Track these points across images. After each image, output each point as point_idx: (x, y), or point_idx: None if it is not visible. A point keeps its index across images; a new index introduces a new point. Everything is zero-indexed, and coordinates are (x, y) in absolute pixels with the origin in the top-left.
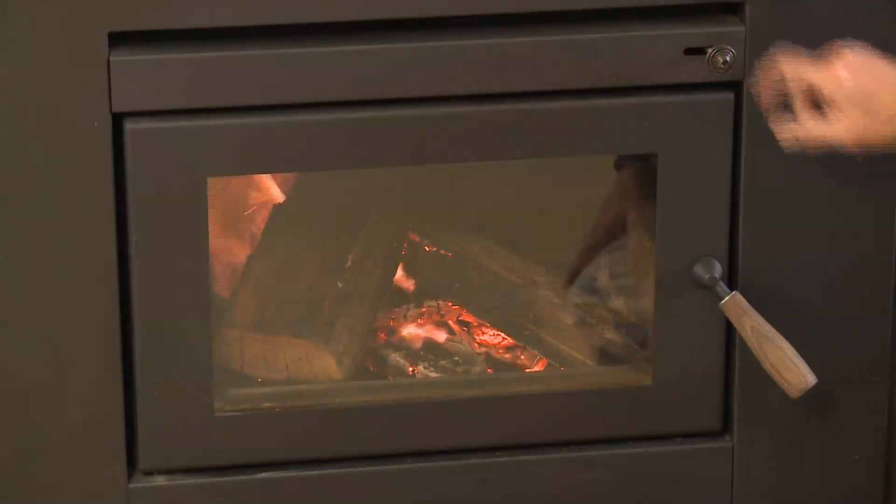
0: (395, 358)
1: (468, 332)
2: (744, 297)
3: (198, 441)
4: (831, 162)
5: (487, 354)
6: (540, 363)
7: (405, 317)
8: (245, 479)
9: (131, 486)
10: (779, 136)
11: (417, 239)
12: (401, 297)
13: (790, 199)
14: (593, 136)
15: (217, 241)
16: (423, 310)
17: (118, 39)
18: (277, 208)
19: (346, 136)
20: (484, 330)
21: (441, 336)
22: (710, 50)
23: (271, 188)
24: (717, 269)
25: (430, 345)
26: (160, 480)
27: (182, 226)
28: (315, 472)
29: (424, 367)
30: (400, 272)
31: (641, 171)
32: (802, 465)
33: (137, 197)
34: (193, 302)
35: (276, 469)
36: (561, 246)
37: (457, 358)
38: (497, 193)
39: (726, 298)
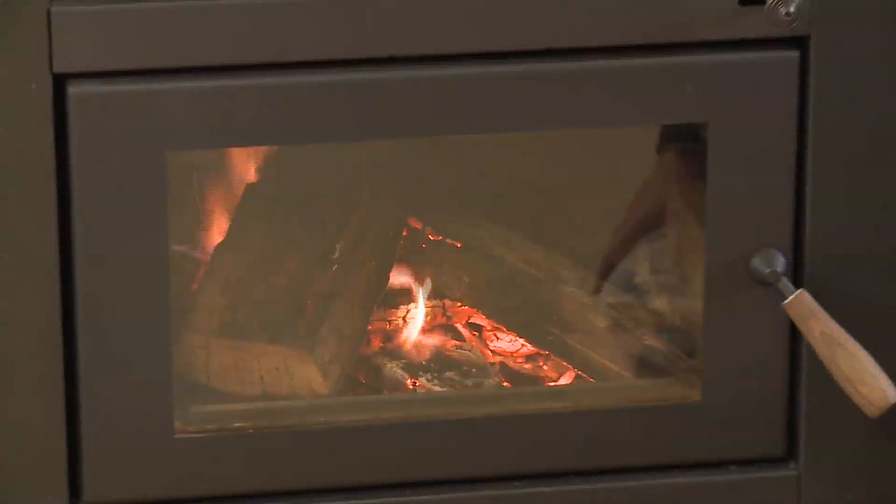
0: (392, 369)
1: (480, 337)
2: (811, 295)
3: (154, 468)
4: None
5: (503, 364)
6: (566, 375)
7: (404, 319)
8: None
9: None
10: None
11: (419, 225)
12: (399, 295)
13: (867, 178)
14: (630, 104)
15: (178, 228)
16: (426, 310)
17: None
18: (250, 189)
19: (332, 103)
20: (499, 335)
21: (447, 342)
22: None
23: (242, 165)
24: (780, 263)
25: (433, 353)
26: None
27: (136, 210)
28: None
29: (427, 380)
30: (398, 265)
31: (687, 154)
32: (882, 497)
33: (83, 175)
34: (149, 302)
35: (249, 502)
36: (591, 234)
37: (466, 369)
38: (515, 172)
39: (791, 298)
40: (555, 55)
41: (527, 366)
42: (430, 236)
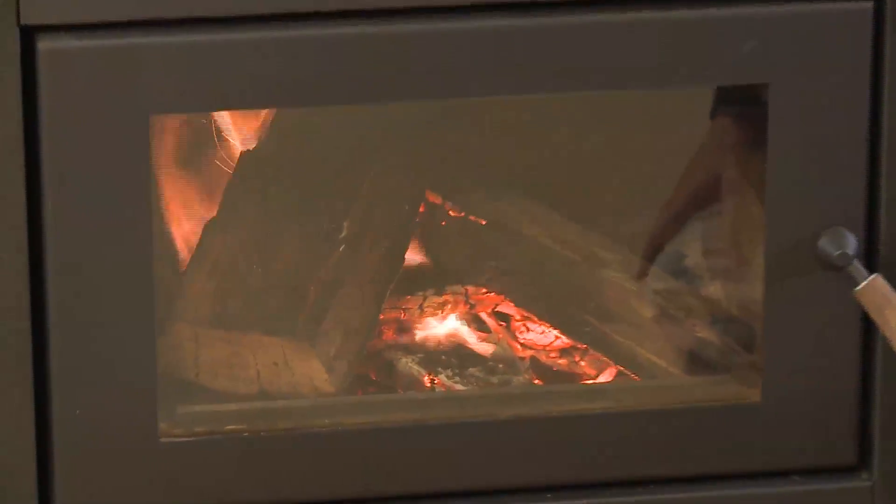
0: (407, 364)
1: (507, 328)
2: (887, 281)
3: (135, 475)
4: None
5: (534, 360)
6: (606, 372)
7: (421, 308)
8: None
9: None
10: None
11: (438, 200)
12: (415, 280)
13: None
14: (679, 62)
15: (163, 202)
16: (446, 298)
17: None
18: (244, 158)
19: (337, 60)
20: (529, 326)
21: (470, 334)
22: None
23: (236, 130)
24: (851, 245)
25: (454, 346)
26: None
27: (116, 181)
28: None
29: (447, 377)
30: (413, 246)
31: (745, 119)
32: None
33: (54, 141)
34: (131, 287)
35: None
36: (635, 210)
37: (492, 364)
38: (548, 139)
39: (863, 283)
40: (594, 5)
41: (561, 361)
42: (450, 212)
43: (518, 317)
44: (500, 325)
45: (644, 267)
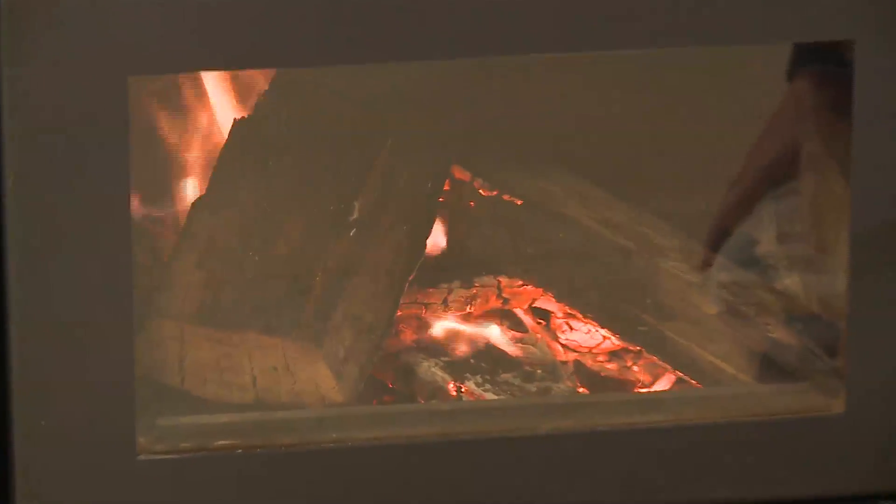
0: (430, 369)
1: (547, 327)
2: None
3: (110, 498)
4: None
5: (578, 364)
6: (663, 379)
7: (445, 302)
8: None
9: None
10: None
11: (465, 177)
12: (438, 270)
13: None
14: (750, 15)
15: (144, 178)
16: (475, 291)
17: None
18: (238, 127)
19: (341, 11)
20: (572, 324)
21: (503, 334)
22: None
23: (228, 95)
24: None
25: (485, 348)
26: None
27: (88, 154)
28: None
29: (476, 385)
30: (437, 230)
31: (827, 81)
32: None
33: (17, 106)
34: (104, 275)
35: None
36: (696, 189)
37: (528, 369)
38: (594, 105)
39: None
40: None
41: (610, 366)
42: (480, 191)
43: (560, 314)
44: (539, 323)
45: (708, 255)
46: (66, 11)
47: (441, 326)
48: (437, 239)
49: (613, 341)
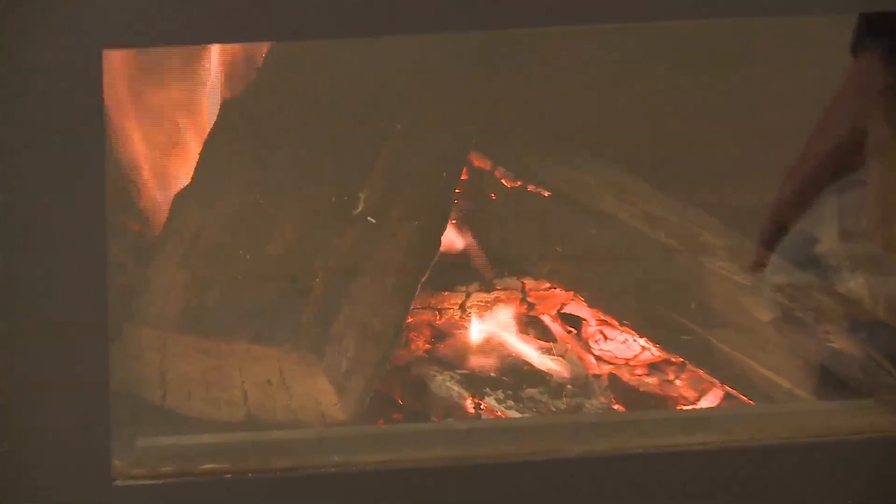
0: (444, 383)
1: (578, 335)
2: None
3: None
4: None
5: (613, 378)
6: (710, 394)
7: (463, 308)
8: None
9: None
10: None
11: (486, 164)
12: (455, 271)
13: None
14: None
15: (121, 165)
16: (496, 294)
17: None
18: (229, 108)
19: None
20: (607, 332)
21: (528, 343)
22: None
23: (215, 72)
24: None
25: (507, 360)
26: None
27: (59, 138)
28: None
29: (497, 401)
30: (453, 226)
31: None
32: None
33: None
34: (75, 277)
35: None
36: (747, 180)
37: (557, 384)
38: (630, 83)
39: None
40: None
41: (650, 380)
42: (503, 182)
43: (593, 321)
44: (569, 331)
45: (761, 255)
46: None
47: (457, 335)
48: (453, 236)
49: (653, 352)
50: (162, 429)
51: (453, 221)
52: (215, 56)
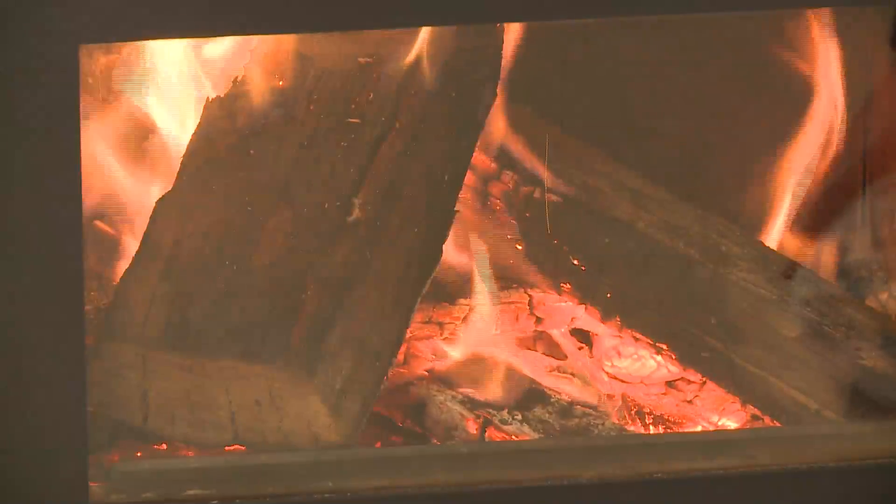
0: (446, 403)
1: (590, 349)
2: None
3: None
4: None
5: (627, 398)
6: (733, 415)
7: (465, 321)
8: None
9: None
10: None
11: (491, 167)
12: (457, 282)
13: None
14: None
15: (97, 167)
16: (502, 308)
17: None
18: (213, 107)
19: None
20: (622, 348)
21: (536, 360)
22: None
23: (200, 68)
24: None
25: (514, 378)
26: None
27: (35, 138)
28: None
29: (503, 422)
30: (455, 233)
31: None
32: None
33: None
34: (49, 289)
35: None
36: (772, 185)
37: (567, 404)
38: (651, 80)
39: None
40: None
41: (668, 398)
42: (509, 186)
43: (606, 336)
44: (580, 346)
45: (789, 265)
46: None
47: (459, 351)
48: (456, 244)
49: (670, 369)
50: (144, 452)
51: (455, 229)
52: (198, 53)
